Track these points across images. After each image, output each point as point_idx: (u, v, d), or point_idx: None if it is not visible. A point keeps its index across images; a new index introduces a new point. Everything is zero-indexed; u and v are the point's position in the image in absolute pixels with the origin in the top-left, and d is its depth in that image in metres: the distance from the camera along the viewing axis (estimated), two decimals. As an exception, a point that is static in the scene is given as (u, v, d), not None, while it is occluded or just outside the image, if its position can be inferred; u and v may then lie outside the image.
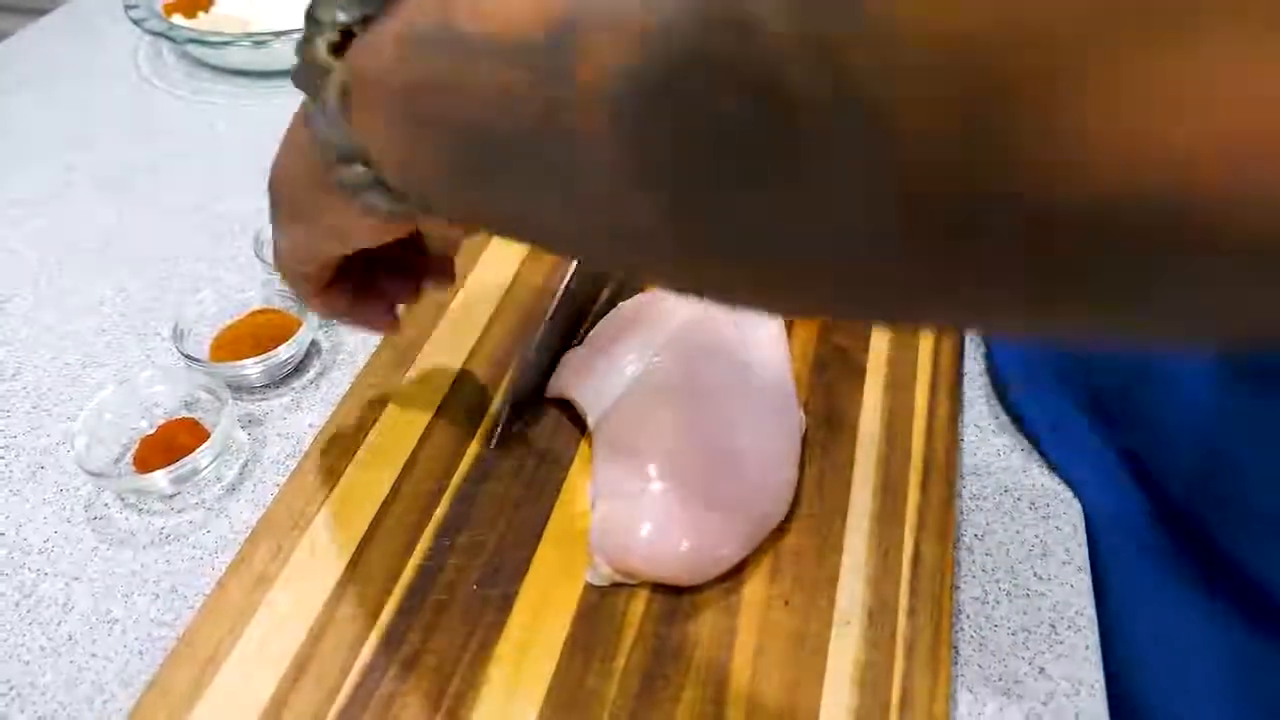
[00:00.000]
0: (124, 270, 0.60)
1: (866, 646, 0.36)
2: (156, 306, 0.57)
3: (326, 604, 0.38)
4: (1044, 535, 0.43)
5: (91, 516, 0.45)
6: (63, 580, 0.42)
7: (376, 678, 0.36)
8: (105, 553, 0.43)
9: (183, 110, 0.77)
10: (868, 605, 0.38)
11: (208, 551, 0.43)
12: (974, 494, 0.45)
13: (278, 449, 0.48)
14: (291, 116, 0.32)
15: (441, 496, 0.43)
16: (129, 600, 0.41)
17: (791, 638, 0.37)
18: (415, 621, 0.38)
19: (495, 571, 0.39)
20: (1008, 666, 0.38)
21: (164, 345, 0.54)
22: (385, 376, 0.49)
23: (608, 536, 0.38)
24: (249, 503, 0.45)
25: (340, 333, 0.54)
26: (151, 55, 0.84)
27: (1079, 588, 0.41)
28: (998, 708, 0.37)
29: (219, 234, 0.62)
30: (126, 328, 0.55)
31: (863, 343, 0.49)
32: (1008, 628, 0.39)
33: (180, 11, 0.79)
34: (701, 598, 0.38)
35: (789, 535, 0.40)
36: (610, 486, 0.40)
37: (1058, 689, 0.37)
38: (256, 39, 0.73)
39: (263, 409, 0.50)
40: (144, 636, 0.40)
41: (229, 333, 0.53)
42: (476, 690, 0.36)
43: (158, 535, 0.44)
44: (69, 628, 0.40)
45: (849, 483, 0.42)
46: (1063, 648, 0.39)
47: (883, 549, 0.40)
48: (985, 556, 0.42)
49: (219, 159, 0.70)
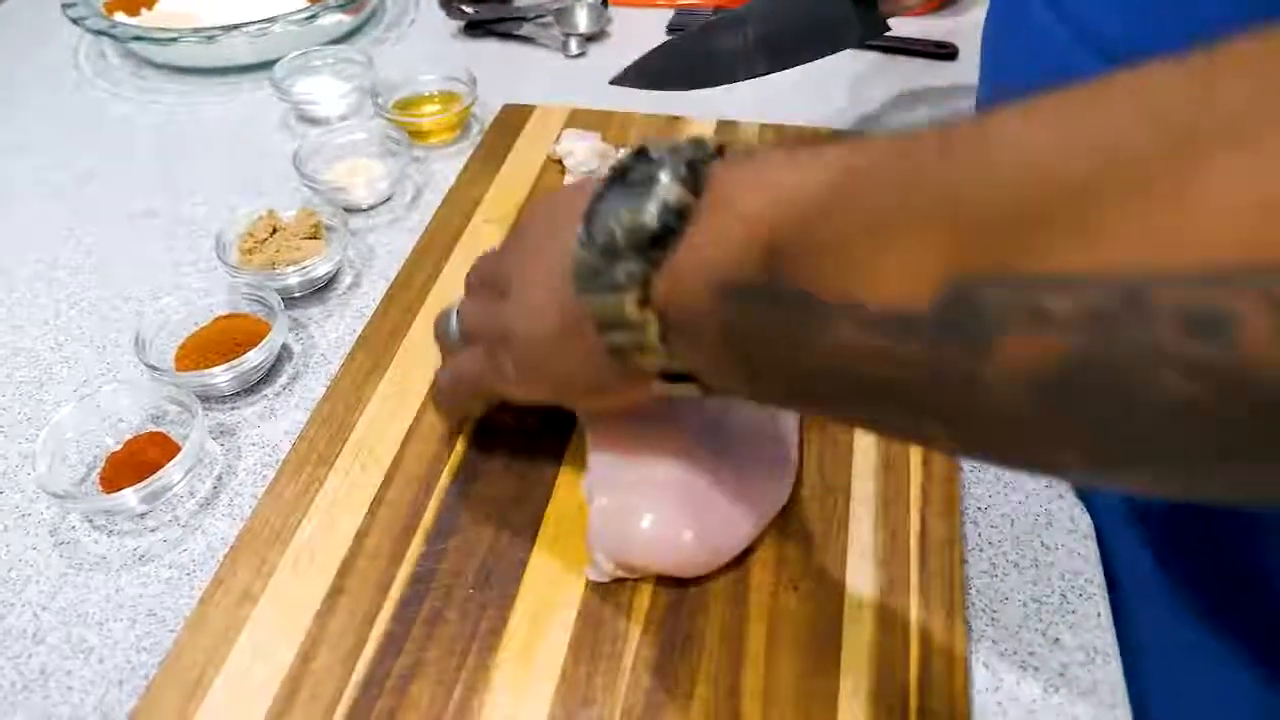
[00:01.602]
0: (77, 281, 0.57)
1: (880, 628, 0.35)
2: (115, 316, 0.54)
3: (316, 619, 0.37)
4: (1047, 504, 0.42)
5: (58, 541, 0.43)
6: (30, 610, 0.40)
7: (374, 693, 0.34)
8: (75, 579, 0.41)
9: (130, 112, 0.73)
10: (879, 586, 0.37)
11: (185, 571, 0.41)
12: (973, 467, 0.44)
13: (253, 459, 0.46)
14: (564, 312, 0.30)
15: (429, 500, 0.41)
16: (104, 627, 0.39)
17: (804, 624, 0.36)
18: (412, 631, 0.36)
19: (491, 575, 0.38)
20: (1021, 639, 0.37)
21: (125, 357, 0.52)
22: (362, 379, 0.47)
23: (607, 530, 0.37)
24: (226, 517, 0.43)
25: (312, 336, 0.52)
26: (93, 55, 0.80)
27: (1087, 555, 0.40)
28: (1015, 680, 0.36)
29: (177, 239, 0.60)
30: (84, 341, 0.53)
31: (852, 318, 0.48)
32: (1018, 599, 0.39)
33: (122, 9, 0.76)
34: (708, 588, 0.37)
35: (793, 519, 0.39)
36: (607, 479, 0.38)
37: (1073, 659, 0.37)
38: (205, 34, 0.71)
39: (234, 418, 0.48)
40: (123, 665, 0.38)
41: (193, 341, 0.50)
42: (481, 697, 0.34)
43: (131, 557, 0.42)
44: (40, 660, 0.38)
45: (850, 462, 0.41)
46: (1075, 616, 0.38)
47: (890, 528, 0.39)
48: (990, 529, 0.41)
49: (172, 162, 0.67)
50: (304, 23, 0.74)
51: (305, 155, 0.61)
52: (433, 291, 0.51)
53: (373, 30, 0.84)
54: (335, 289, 0.55)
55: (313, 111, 0.71)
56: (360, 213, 0.61)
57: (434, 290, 0.51)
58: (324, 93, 0.71)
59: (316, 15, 0.74)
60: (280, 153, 0.67)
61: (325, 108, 0.70)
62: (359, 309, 0.54)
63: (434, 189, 0.63)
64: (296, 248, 0.55)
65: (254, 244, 0.55)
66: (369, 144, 0.64)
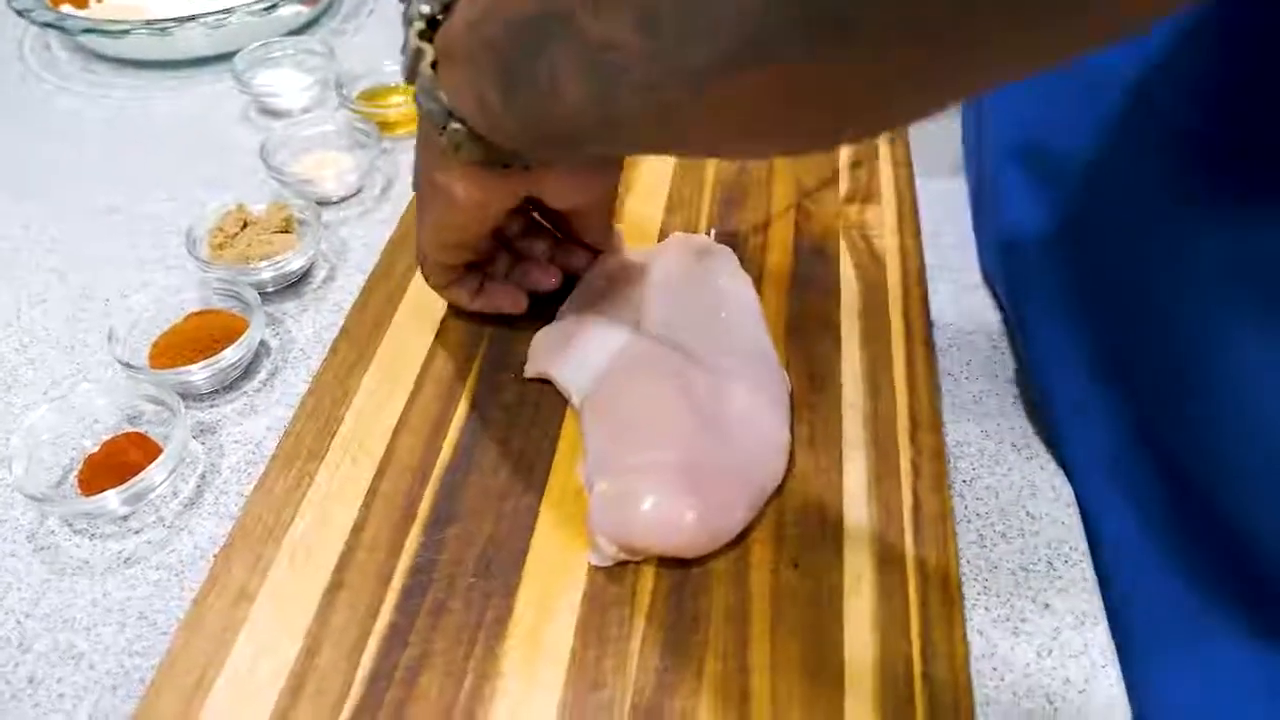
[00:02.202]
0: (39, 281, 0.55)
1: (881, 600, 0.36)
2: (82, 317, 0.53)
3: (317, 615, 0.36)
4: (1029, 475, 0.43)
5: (37, 547, 0.41)
6: (14, 619, 0.39)
7: (383, 686, 0.34)
8: (59, 584, 0.40)
9: (82, 107, 0.71)
10: (876, 559, 0.38)
11: (173, 572, 0.40)
12: (957, 440, 0.45)
13: (236, 456, 0.45)
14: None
15: (424, 491, 0.41)
16: (92, 633, 0.38)
17: (806, 599, 0.36)
18: (416, 623, 0.36)
19: (492, 563, 0.38)
20: (1013, 606, 0.38)
21: (95, 357, 0.50)
22: (347, 372, 0.46)
23: (609, 514, 0.37)
24: (212, 516, 0.42)
25: (289, 331, 0.51)
26: (38, 49, 0.78)
27: (1070, 524, 0.41)
28: (1009, 647, 0.37)
29: (141, 235, 0.58)
30: (50, 342, 0.51)
31: (834, 299, 0.49)
32: (1007, 568, 0.40)
33: (70, 1, 0.73)
34: (710, 568, 0.37)
35: (789, 496, 0.40)
36: (606, 463, 0.39)
37: (1063, 623, 0.38)
38: (160, 26, 0.69)
39: (214, 416, 0.47)
40: (115, 669, 0.37)
41: (167, 339, 0.49)
42: (491, 685, 0.34)
43: (115, 560, 0.41)
44: (28, 669, 0.37)
45: (840, 439, 0.42)
46: (1062, 582, 0.39)
47: (883, 502, 0.40)
48: (976, 501, 0.42)
49: (128, 157, 0.66)
50: (262, 14, 0.73)
51: (272, 148, 0.60)
52: (413, 281, 0.51)
53: (330, 21, 0.82)
54: (310, 283, 0.55)
55: (274, 104, 0.69)
56: (330, 205, 0.60)
57: (414, 280, 0.51)
58: (285, 85, 0.69)
59: (275, 6, 0.73)
60: (243, 146, 0.65)
61: (287, 100, 0.69)
62: (335, 302, 0.53)
63: (403, 180, 0.62)
64: (268, 242, 0.54)
65: (224, 239, 0.54)
66: (337, 136, 0.63)
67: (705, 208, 0.56)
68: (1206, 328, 0.35)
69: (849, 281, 0.50)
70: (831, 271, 0.51)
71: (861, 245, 0.53)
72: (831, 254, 0.52)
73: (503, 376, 0.46)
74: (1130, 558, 0.39)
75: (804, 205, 0.56)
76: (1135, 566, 0.39)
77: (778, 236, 0.53)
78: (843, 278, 0.51)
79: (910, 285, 0.50)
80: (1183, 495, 0.38)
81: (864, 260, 0.52)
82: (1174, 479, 0.38)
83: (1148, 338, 0.38)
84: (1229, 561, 0.36)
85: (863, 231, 0.53)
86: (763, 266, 0.51)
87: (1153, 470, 0.39)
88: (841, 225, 0.54)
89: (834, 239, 0.53)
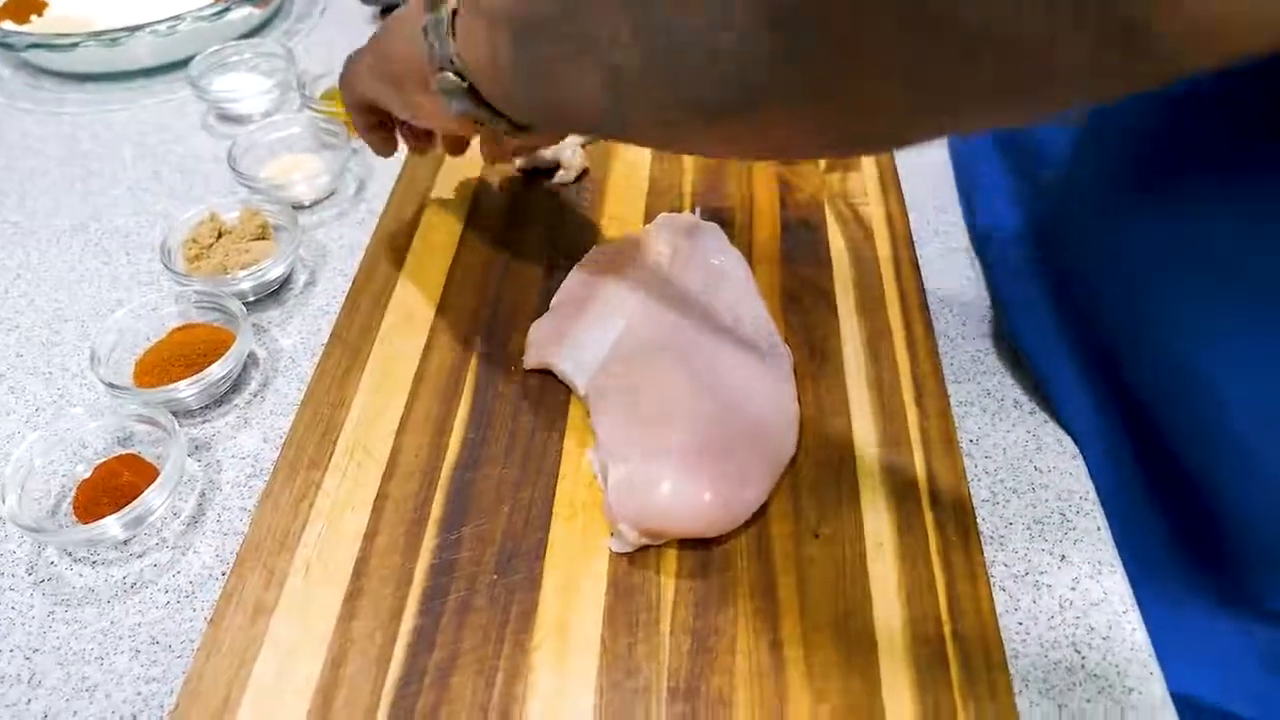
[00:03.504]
0: (7, 307, 0.53)
1: (904, 563, 0.36)
2: (57, 340, 0.51)
3: (338, 624, 0.35)
4: (1034, 429, 0.44)
5: (38, 579, 0.40)
6: (21, 655, 0.37)
7: (414, 690, 0.33)
8: (64, 615, 0.39)
9: (33, 125, 0.69)
10: (895, 524, 0.38)
11: (183, 594, 0.39)
12: (960, 401, 0.45)
13: (234, 471, 0.44)
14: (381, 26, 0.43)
15: (434, 492, 0.40)
16: (104, 662, 0.37)
17: (830, 567, 0.36)
18: (441, 624, 0.35)
19: (512, 558, 0.37)
20: (1031, 561, 0.39)
21: (76, 381, 0.49)
22: (342, 376, 0.45)
23: (628, 500, 0.37)
24: (216, 533, 0.41)
25: (275, 339, 0.50)
26: (-20, 69, 0.75)
27: (1077, 474, 0.42)
28: (1031, 600, 0.37)
29: (113, 253, 0.56)
30: (26, 369, 0.50)
31: (826, 269, 0.49)
32: (1022, 523, 0.40)
33: (10, 18, 0.71)
34: (732, 546, 0.37)
35: (802, 470, 0.40)
36: (620, 449, 0.38)
37: (1081, 572, 0.38)
38: (109, 37, 0.66)
39: (207, 432, 0.46)
40: (133, 697, 0.36)
41: (150, 357, 0.48)
42: (525, 680, 0.34)
43: (120, 586, 0.40)
44: (41, 705, 0.36)
45: (847, 408, 0.42)
46: (1076, 533, 0.40)
47: (896, 467, 0.40)
48: (985, 459, 0.43)
49: (88, 174, 0.64)
50: (213, 19, 0.71)
51: (238, 155, 0.58)
52: (399, 281, 0.50)
53: (283, 22, 0.81)
54: (291, 289, 0.53)
55: (235, 109, 0.68)
56: (304, 209, 0.59)
57: (400, 280, 0.50)
58: (244, 89, 0.67)
59: (226, 10, 0.71)
60: (205, 154, 0.64)
61: (248, 104, 0.67)
62: (320, 307, 0.52)
63: (378, 179, 0.61)
64: (245, 250, 0.53)
65: (200, 250, 0.53)
66: (304, 139, 0.62)
67: (687, 189, 0.56)
68: (1164, 307, 0.36)
69: (839, 251, 0.50)
70: (821, 242, 0.51)
71: (848, 214, 0.53)
72: (818, 225, 0.52)
73: (500, 371, 0.45)
74: (1117, 515, 0.40)
75: (785, 178, 0.55)
76: (1124, 519, 0.40)
77: (763, 211, 0.53)
78: (832, 248, 0.50)
79: (900, 250, 0.50)
80: (1157, 458, 0.39)
81: (852, 229, 0.52)
82: (1149, 445, 0.39)
83: (1118, 318, 0.40)
84: (1203, 527, 0.37)
85: (848, 200, 0.53)
86: (751, 242, 0.51)
87: (1131, 435, 0.40)
88: (826, 196, 0.54)
89: (819, 210, 0.53)
